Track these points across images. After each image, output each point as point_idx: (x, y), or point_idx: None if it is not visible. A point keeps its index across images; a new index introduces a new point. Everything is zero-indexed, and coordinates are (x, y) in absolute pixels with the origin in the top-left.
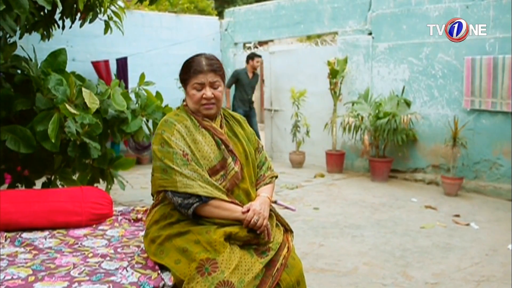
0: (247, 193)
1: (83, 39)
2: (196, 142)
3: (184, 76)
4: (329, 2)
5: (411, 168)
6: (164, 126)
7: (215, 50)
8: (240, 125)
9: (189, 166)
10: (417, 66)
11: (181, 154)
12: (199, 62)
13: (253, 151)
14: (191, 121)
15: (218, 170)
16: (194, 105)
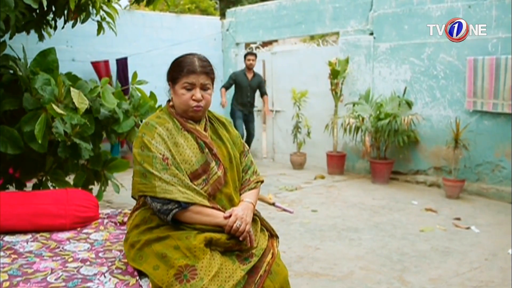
0: (230, 198)
1: (83, 39)
2: (177, 145)
3: (175, 74)
4: (331, 2)
5: (413, 170)
6: (144, 129)
7: (217, 50)
8: (225, 127)
9: (169, 170)
10: (419, 67)
11: (161, 158)
12: (192, 62)
13: (238, 154)
14: (173, 123)
15: (200, 174)
16: (182, 105)
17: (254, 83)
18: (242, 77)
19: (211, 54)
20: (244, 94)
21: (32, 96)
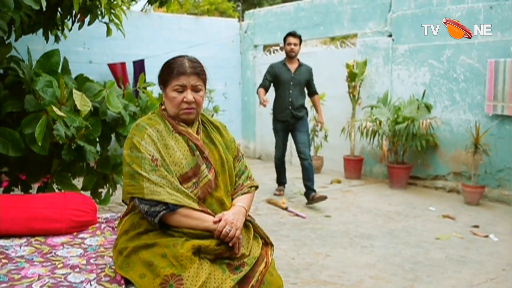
0: (220, 202)
1: (100, 41)
2: (167, 147)
3: (165, 77)
4: (349, 3)
5: (432, 175)
6: (135, 130)
7: (235, 52)
8: (219, 131)
9: (158, 172)
10: (438, 69)
11: (150, 159)
12: (181, 64)
13: (231, 158)
14: (164, 125)
15: (190, 177)
16: (174, 108)
17: (299, 77)
18: (282, 69)
19: (229, 56)
20: (285, 93)
21: (35, 98)
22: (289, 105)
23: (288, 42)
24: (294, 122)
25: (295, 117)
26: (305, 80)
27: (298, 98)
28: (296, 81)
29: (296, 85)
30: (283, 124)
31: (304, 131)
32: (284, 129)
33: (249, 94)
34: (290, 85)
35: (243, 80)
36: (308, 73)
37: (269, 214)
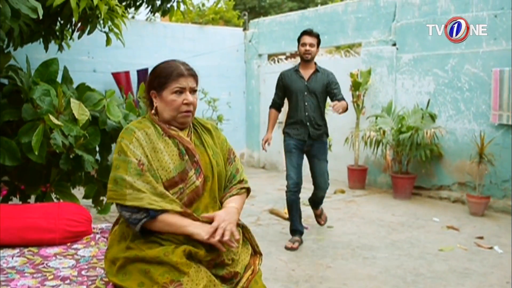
0: (206, 208)
1: (104, 50)
2: (155, 150)
3: (162, 80)
4: (353, 12)
5: (436, 185)
6: (124, 133)
7: (239, 61)
8: (210, 134)
9: (143, 177)
10: (443, 78)
11: (136, 163)
12: (177, 66)
13: (221, 162)
14: (154, 129)
15: (176, 182)
16: (172, 112)
17: (315, 85)
18: (293, 77)
19: (233, 65)
20: (300, 105)
21: (33, 107)
22: (306, 120)
23: (302, 42)
24: (312, 143)
25: (314, 136)
26: (322, 88)
27: (316, 111)
28: (311, 89)
29: (312, 95)
30: (299, 144)
31: (323, 159)
32: (299, 149)
33: (253, 103)
34: (304, 95)
35: (248, 89)
36: (327, 79)
37: (270, 224)
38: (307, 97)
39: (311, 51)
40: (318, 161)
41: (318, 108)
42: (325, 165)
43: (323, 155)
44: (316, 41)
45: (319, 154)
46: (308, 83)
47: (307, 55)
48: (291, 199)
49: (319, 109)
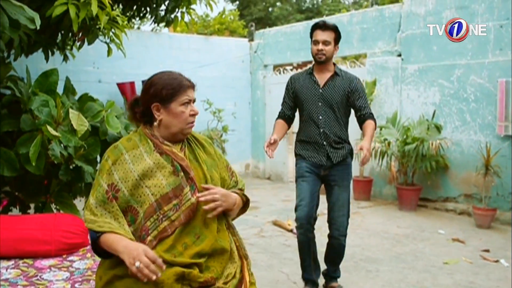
0: (205, 226)
1: (109, 60)
2: (146, 170)
3: (170, 92)
4: (358, 23)
5: (442, 197)
6: (111, 152)
7: (245, 72)
8: (204, 148)
9: (106, 205)
10: (448, 89)
11: (105, 190)
12: (181, 78)
13: (217, 176)
14: (145, 146)
15: (170, 198)
16: (181, 123)
17: (332, 92)
18: (305, 82)
19: (239, 76)
20: (313, 118)
21: (32, 118)
22: (323, 139)
23: (314, 39)
24: (330, 166)
25: (334, 158)
26: (342, 97)
27: (334, 126)
28: (327, 99)
29: (328, 106)
30: (314, 168)
31: (345, 187)
32: (314, 173)
33: (258, 114)
34: (318, 106)
35: (253, 100)
36: (348, 86)
37: (273, 236)
38: (322, 108)
39: (326, 51)
40: (338, 188)
41: (337, 121)
42: (346, 195)
43: (345, 181)
44: (333, 36)
45: (340, 179)
46: (323, 90)
47: (321, 56)
48: (302, 239)
49: (338, 123)
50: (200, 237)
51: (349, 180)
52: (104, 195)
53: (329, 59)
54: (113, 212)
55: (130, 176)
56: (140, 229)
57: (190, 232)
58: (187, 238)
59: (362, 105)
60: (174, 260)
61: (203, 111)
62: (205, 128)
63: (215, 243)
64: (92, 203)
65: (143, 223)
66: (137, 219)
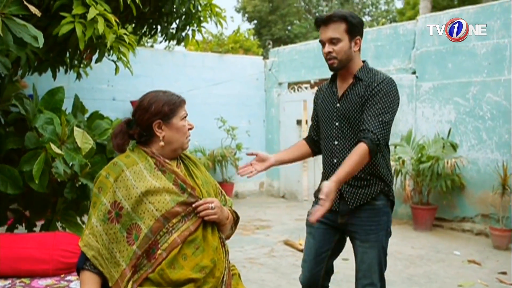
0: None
1: (123, 78)
2: (148, 187)
3: (171, 107)
4: (373, 40)
5: (458, 217)
6: (110, 169)
7: (259, 90)
8: (196, 166)
9: (106, 224)
10: (464, 107)
11: (107, 208)
12: (173, 94)
13: (211, 192)
14: (145, 163)
15: (178, 212)
16: (182, 138)
17: (350, 107)
18: (325, 94)
19: (253, 94)
20: (328, 143)
21: (37, 136)
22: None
23: (320, 40)
24: (348, 211)
25: (350, 201)
26: (358, 108)
27: None
28: (345, 115)
29: (346, 125)
30: (327, 213)
31: (371, 242)
32: (327, 223)
33: (273, 132)
34: (334, 126)
35: (268, 118)
36: (367, 90)
37: (284, 256)
38: (339, 130)
39: (336, 51)
40: (360, 244)
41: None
42: (374, 255)
43: (371, 233)
44: (344, 27)
45: (362, 232)
46: (341, 103)
47: (332, 61)
48: None
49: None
50: (199, 248)
51: (381, 232)
52: (105, 215)
53: (346, 61)
54: (110, 234)
55: (133, 193)
56: (147, 245)
57: (190, 243)
58: (187, 249)
59: (368, 117)
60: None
61: (217, 129)
62: (218, 145)
63: (214, 257)
64: (93, 221)
65: (152, 238)
66: (140, 235)
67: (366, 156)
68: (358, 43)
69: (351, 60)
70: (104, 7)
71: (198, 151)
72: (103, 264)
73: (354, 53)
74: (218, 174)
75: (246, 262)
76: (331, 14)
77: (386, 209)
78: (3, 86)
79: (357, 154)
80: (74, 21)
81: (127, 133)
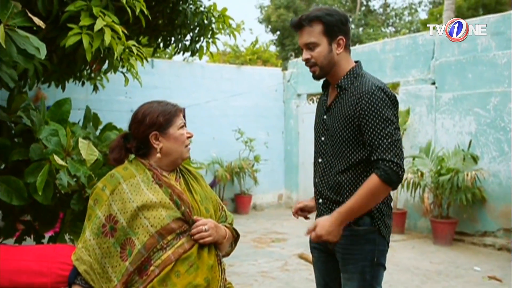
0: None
1: (141, 90)
2: (145, 201)
3: (166, 117)
4: (391, 51)
5: (480, 231)
6: (107, 181)
7: (278, 101)
8: (197, 180)
9: (99, 238)
10: (485, 118)
11: (102, 222)
12: (168, 103)
13: (211, 208)
14: (143, 176)
15: (173, 228)
16: (180, 147)
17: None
18: (318, 103)
19: (272, 105)
20: (315, 159)
21: (42, 147)
22: (317, 194)
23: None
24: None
25: None
26: (345, 125)
27: (333, 174)
28: (330, 129)
29: (331, 141)
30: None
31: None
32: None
33: (292, 143)
34: (320, 141)
35: (286, 129)
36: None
37: (297, 269)
38: (323, 145)
39: (315, 58)
40: (342, 275)
41: (340, 166)
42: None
43: (351, 262)
44: (320, 29)
45: (342, 260)
46: (327, 115)
47: (313, 69)
48: None
49: (341, 168)
50: (193, 265)
51: (362, 262)
52: (99, 228)
53: (329, 67)
54: (103, 249)
55: (128, 207)
56: (139, 261)
57: (185, 260)
58: (181, 267)
59: (373, 142)
60: None
61: (234, 140)
62: (236, 157)
63: (208, 275)
64: (87, 235)
65: (145, 255)
66: (133, 251)
67: (378, 187)
68: (341, 43)
69: (335, 65)
70: (113, 19)
71: (215, 162)
72: (95, 279)
73: (337, 56)
74: (236, 186)
75: (258, 276)
76: (302, 15)
77: (370, 237)
78: (12, 97)
79: (363, 187)
80: (81, 32)
81: (125, 147)
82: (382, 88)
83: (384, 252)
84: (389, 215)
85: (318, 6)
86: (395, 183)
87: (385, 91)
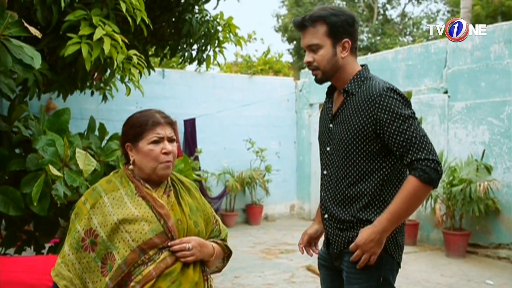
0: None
1: (152, 100)
2: (127, 214)
3: (137, 131)
4: (404, 59)
5: (494, 243)
6: (89, 195)
7: (290, 111)
8: (189, 192)
9: (79, 253)
10: (498, 127)
11: (81, 237)
12: (153, 115)
13: (202, 223)
14: (127, 188)
15: (156, 243)
16: (150, 163)
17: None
18: (322, 110)
19: (283, 115)
20: (321, 167)
21: (42, 157)
22: (323, 209)
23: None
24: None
25: (334, 245)
26: (354, 132)
27: (340, 188)
28: (336, 138)
29: (337, 151)
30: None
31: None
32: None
33: (304, 153)
34: (325, 151)
35: (298, 139)
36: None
37: (304, 282)
38: (329, 155)
39: (318, 61)
40: None
41: (347, 179)
42: None
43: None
44: (324, 30)
45: (346, 280)
46: (334, 123)
47: (315, 72)
48: None
49: (348, 182)
50: (175, 282)
51: (367, 283)
52: (79, 243)
53: (333, 71)
54: (83, 264)
55: (109, 220)
56: (119, 277)
57: (167, 276)
58: (162, 283)
59: (401, 144)
60: None
61: (245, 150)
62: (247, 167)
63: None
64: (65, 249)
65: (126, 271)
66: (114, 266)
67: (419, 189)
68: (347, 46)
69: (340, 68)
70: (113, 28)
71: (226, 172)
72: None
73: (342, 60)
74: (247, 196)
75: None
76: (306, 15)
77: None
78: (13, 107)
79: (402, 191)
80: (80, 41)
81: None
82: (392, 89)
83: (393, 271)
84: (401, 232)
85: (324, 4)
86: (435, 181)
87: (396, 91)
